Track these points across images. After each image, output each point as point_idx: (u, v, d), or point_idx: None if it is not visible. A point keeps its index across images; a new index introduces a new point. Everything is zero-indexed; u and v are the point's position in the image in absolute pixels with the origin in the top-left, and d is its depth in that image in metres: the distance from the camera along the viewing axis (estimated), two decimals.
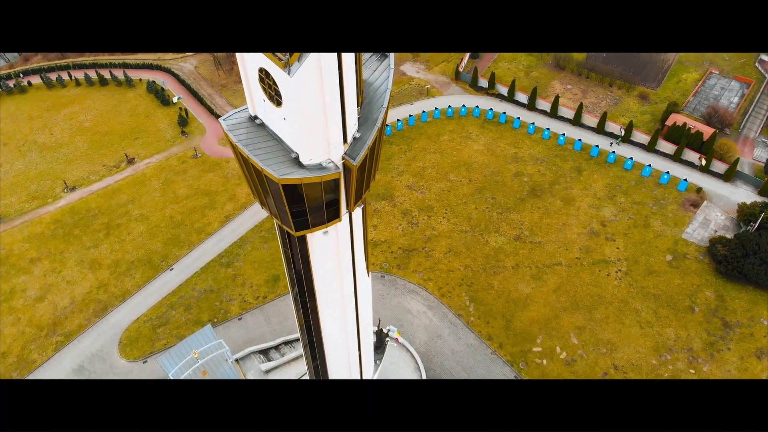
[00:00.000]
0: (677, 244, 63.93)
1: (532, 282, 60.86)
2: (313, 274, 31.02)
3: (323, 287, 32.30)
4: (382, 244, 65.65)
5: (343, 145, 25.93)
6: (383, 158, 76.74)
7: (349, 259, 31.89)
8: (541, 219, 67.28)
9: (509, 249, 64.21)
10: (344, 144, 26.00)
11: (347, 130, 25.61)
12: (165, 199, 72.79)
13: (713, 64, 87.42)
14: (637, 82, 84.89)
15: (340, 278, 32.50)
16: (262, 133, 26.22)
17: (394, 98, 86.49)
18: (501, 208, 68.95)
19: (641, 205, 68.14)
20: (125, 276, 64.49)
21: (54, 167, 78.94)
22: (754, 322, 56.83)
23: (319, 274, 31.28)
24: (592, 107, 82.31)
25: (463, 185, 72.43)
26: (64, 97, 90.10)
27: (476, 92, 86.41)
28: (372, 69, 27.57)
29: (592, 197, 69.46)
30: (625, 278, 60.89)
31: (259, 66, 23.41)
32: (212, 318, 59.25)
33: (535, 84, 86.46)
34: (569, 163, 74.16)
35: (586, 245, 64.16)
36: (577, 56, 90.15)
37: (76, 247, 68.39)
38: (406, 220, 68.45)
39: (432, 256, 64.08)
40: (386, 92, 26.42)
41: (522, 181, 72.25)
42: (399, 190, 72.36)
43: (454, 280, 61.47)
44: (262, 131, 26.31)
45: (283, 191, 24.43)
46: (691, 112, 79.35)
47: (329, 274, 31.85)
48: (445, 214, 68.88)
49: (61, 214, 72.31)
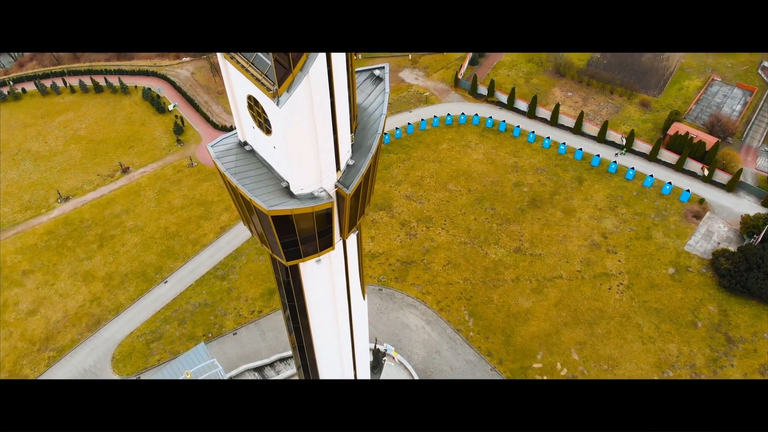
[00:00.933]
0: (679, 257, 62.93)
1: (532, 296, 59.85)
2: (306, 300, 30.00)
3: (317, 312, 31.28)
4: (379, 256, 64.64)
5: (336, 172, 24.92)
6: (381, 167, 75.74)
7: (343, 286, 30.88)
8: (542, 230, 66.27)
9: (509, 261, 63.20)
10: (337, 171, 24.99)
11: (340, 157, 24.59)
12: (160, 210, 71.76)
13: (715, 71, 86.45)
14: (639, 90, 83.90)
15: (334, 304, 31.49)
16: (251, 161, 25.19)
17: (392, 105, 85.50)
18: (501, 219, 67.94)
19: (643, 217, 67.13)
20: (119, 289, 63.46)
21: (48, 176, 77.91)
22: (758, 338, 55.84)
23: (313, 301, 30.26)
24: (593, 115, 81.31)
25: (462, 195, 71.43)
26: (58, 105, 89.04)
27: (476, 99, 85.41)
28: (366, 93, 26.54)
29: (593, 208, 68.45)
30: (627, 292, 59.88)
31: (247, 93, 22.42)
32: (206, 333, 58.23)
33: (535, 91, 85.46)
34: (570, 172, 73.15)
35: (587, 258, 63.15)
36: (578, 63, 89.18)
37: (70, 259, 67.35)
38: (404, 231, 67.45)
39: (430, 268, 63.07)
40: (381, 117, 25.39)
41: (522, 191, 71.24)
42: (397, 200, 71.35)
43: (453, 293, 60.46)
44: (252, 158, 25.29)
45: (272, 222, 23.41)
46: (693, 120, 78.37)
47: (323, 301, 30.84)
48: (444, 225, 67.87)
49: (55, 225, 71.27)
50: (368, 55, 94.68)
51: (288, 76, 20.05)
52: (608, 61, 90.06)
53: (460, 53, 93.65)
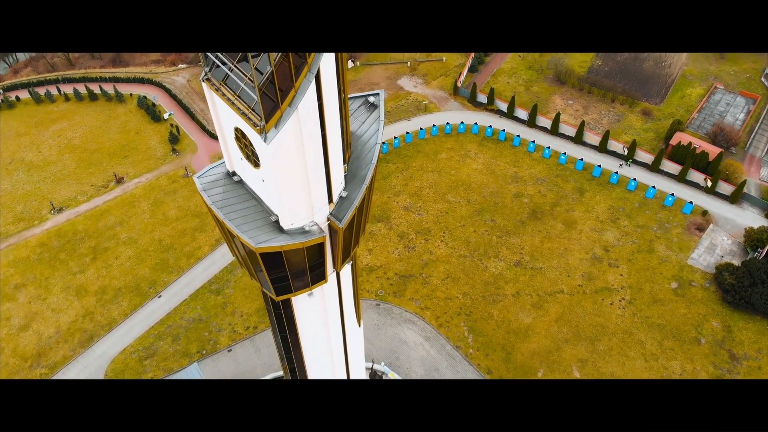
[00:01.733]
0: (682, 271, 61.85)
1: (533, 311, 58.77)
2: (299, 331, 28.93)
3: (310, 342, 30.21)
4: (377, 269, 63.56)
5: (329, 205, 23.85)
6: (380, 177, 74.67)
7: (337, 316, 29.81)
8: (542, 243, 65.19)
9: (509, 275, 62.11)
10: (329, 204, 23.92)
11: (332, 189, 23.52)
12: (154, 221, 70.67)
13: (718, 79, 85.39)
14: (640, 98, 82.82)
15: (327, 334, 30.42)
16: (239, 192, 24.12)
17: (390, 114, 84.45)
18: (501, 232, 66.85)
19: (645, 229, 66.05)
20: (112, 303, 62.36)
21: (41, 187, 76.82)
22: (762, 355, 54.76)
23: (305, 332, 29.19)
24: (594, 124, 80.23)
25: (461, 206, 70.34)
26: (52, 113, 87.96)
27: (475, 108, 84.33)
28: (360, 120, 25.47)
29: (594, 220, 67.37)
30: (629, 307, 58.80)
31: (234, 125, 21.35)
32: (201, 349, 57.13)
33: (535, 99, 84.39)
34: (571, 183, 72.06)
35: (589, 272, 62.06)
36: (579, 70, 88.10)
37: (62, 272, 66.26)
38: (402, 243, 66.36)
39: (429, 282, 61.99)
40: (375, 146, 24.31)
41: (522, 203, 70.15)
42: (395, 212, 70.27)
43: (452, 308, 59.38)
44: (240, 189, 24.22)
45: (261, 259, 22.33)
46: (696, 130, 77.30)
47: (316, 331, 29.77)
48: (443, 237, 66.78)
49: (48, 237, 70.18)
50: (366, 62, 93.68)
51: (276, 111, 18.98)
52: (609, 68, 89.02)
53: (459, 60, 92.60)
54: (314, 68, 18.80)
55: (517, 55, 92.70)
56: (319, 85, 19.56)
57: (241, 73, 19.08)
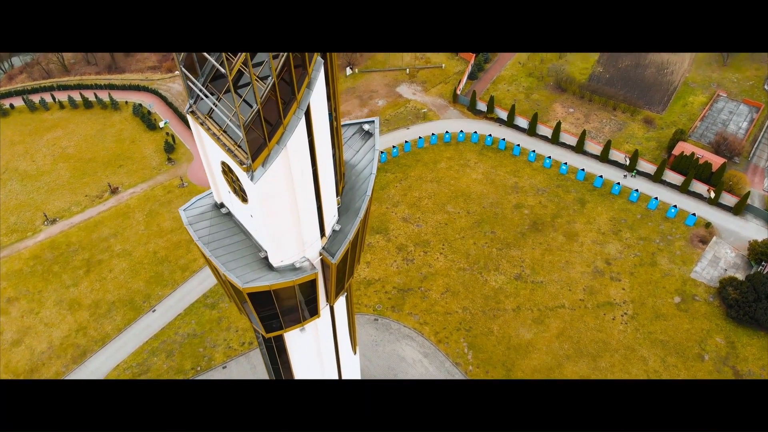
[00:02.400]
0: (685, 285, 60.81)
1: (533, 326, 57.72)
2: (291, 364, 27.88)
3: (303, 372, 29.14)
4: (375, 283, 62.51)
5: (321, 239, 22.82)
6: (378, 187, 73.64)
7: (331, 348, 28.75)
8: (543, 256, 64.14)
9: (510, 289, 61.07)
10: (322, 238, 22.89)
11: (325, 224, 22.47)
12: (149, 233, 69.62)
13: (720, 86, 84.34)
14: (642, 106, 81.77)
15: (321, 365, 29.35)
16: (228, 226, 23.09)
17: (389, 122, 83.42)
18: (501, 244, 65.81)
19: (647, 241, 65.01)
20: (105, 318, 61.31)
21: (35, 197, 75.76)
22: (767, 372, 53.71)
23: (298, 364, 28.13)
24: (595, 132, 79.20)
25: (461, 217, 69.30)
26: (47, 121, 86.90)
27: (475, 116, 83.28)
28: (354, 149, 24.42)
29: (596, 232, 66.32)
30: (632, 322, 57.76)
31: (221, 159, 20.32)
32: (195, 366, 56.10)
33: (535, 107, 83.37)
34: (572, 194, 71.01)
35: (590, 285, 61.02)
36: (579, 77, 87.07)
37: (56, 285, 65.21)
38: (401, 256, 65.31)
39: (428, 296, 60.95)
40: (370, 177, 23.27)
41: (522, 214, 69.10)
42: (394, 223, 69.23)
43: (451, 324, 58.33)
44: (229, 223, 23.18)
45: (248, 298, 21.30)
46: (699, 139, 76.25)
47: (310, 364, 28.70)
48: (442, 249, 65.74)
49: (41, 249, 69.12)
50: (365, 69, 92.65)
51: (263, 149, 17.91)
52: (610, 75, 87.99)
53: (458, 67, 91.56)
54: (304, 104, 17.78)
55: (517, 62, 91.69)
56: (310, 119, 18.53)
57: (226, 108, 18.05)
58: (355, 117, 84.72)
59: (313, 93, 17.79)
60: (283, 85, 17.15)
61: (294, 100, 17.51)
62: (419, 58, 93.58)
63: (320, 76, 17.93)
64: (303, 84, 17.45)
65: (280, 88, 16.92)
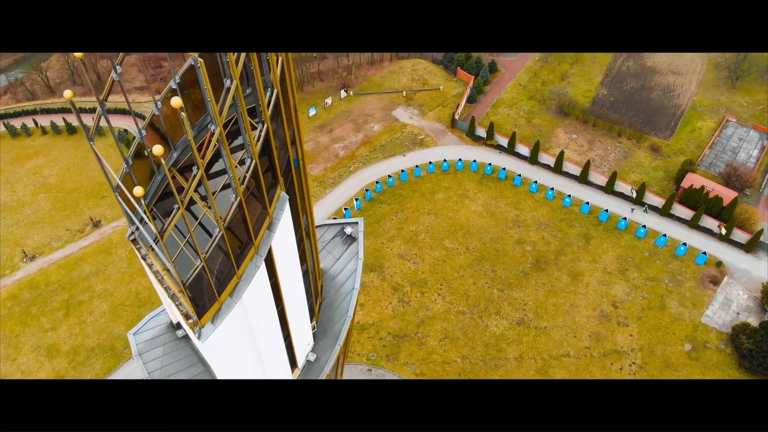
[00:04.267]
0: (696, 330, 57.58)
1: (537, 377, 54.42)
2: None
3: None
4: (369, 328, 59.23)
5: (292, 372, 19.52)
6: (373, 220, 70.40)
7: None
8: (546, 298, 60.89)
9: (512, 336, 57.80)
10: (294, 370, 19.58)
11: (297, 355, 19.16)
12: (132, 271, 66.29)
13: (729, 111, 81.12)
14: (648, 132, 78.58)
15: None
16: (184, 353, 19.72)
17: (385, 148, 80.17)
18: (502, 284, 62.54)
19: (656, 282, 61.75)
20: (84, 366, 57.98)
21: (14, 231, 72.41)
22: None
23: None
24: (599, 160, 75.95)
25: (459, 254, 66.04)
26: (28, 148, 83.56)
27: (474, 142, 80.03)
28: (335, 256, 21.08)
29: (601, 272, 63.06)
30: (640, 373, 54.50)
31: None
32: None
33: (537, 132, 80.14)
34: (576, 229, 67.74)
35: (596, 331, 57.76)
36: (582, 101, 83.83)
37: (33, 329, 61.87)
38: (396, 297, 62.04)
39: (425, 343, 57.67)
40: (353, 293, 19.93)
41: (525, 251, 65.83)
42: (389, 260, 65.95)
43: (450, 375, 55.04)
44: (185, 349, 19.82)
45: None
46: (708, 168, 73.03)
47: None
48: (440, 290, 62.47)
49: (19, 288, 65.77)
50: (360, 91, 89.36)
51: (213, 302, 14.68)
52: (615, 98, 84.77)
53: (457, 90, 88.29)
54: (264, 248, 14.49)
55: (517, 84, 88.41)
56: (272, 261, 15.25)
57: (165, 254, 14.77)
58: (350, 142, 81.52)
59: (276, 233, 14.49)
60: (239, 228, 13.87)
61: (251, 245, 14.19)
62: (416, 80, 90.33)
63: (284, 212, 14.64)
64: (262, 226, 14.13)
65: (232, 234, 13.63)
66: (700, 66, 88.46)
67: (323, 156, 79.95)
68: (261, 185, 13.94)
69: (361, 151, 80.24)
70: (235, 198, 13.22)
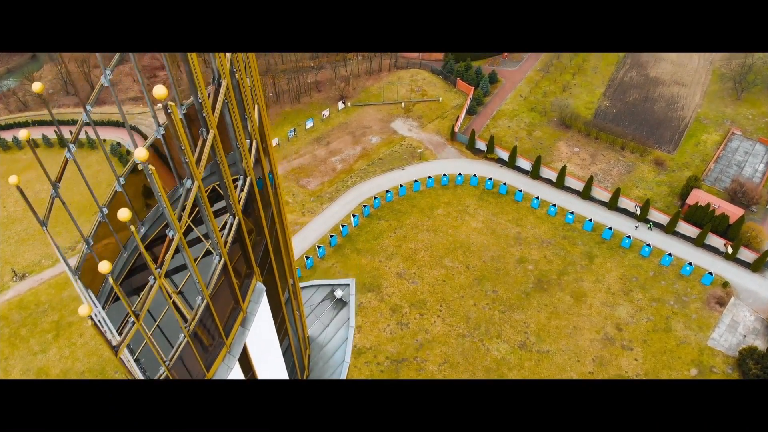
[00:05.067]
0: (702, 354, 56.04)
1: None
2: None
3: None
4: (366, 352, 57.67)
5: None
6: (370, 237, 68.90)
7: None
8: (549, 320, 59.33)
9: (513, 360, 56.24)
10: None
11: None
12: None
13: (735, 123, 79.53)
14: (652, 145, 76.98)
15: None
16: None
17: (383, 162, 78.60)
18: (503, 305, 60.98)
19: (661, 303, 60.20)
20: None
21: (4, 248, 70.87)
22: None
23: None
24: (602, 175, 74.36)
25: (460, 273, 64.48)
26: (20, 161, 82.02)
27: (474, 156, 78.45)
28: (324, 322, 19.49)
29: (605, 292, 61.50)
30: None
31: None
32: None
33: (538, 145, 78.57)
34: (579, 247, 66.16)
35: (600, 355, 56.21)
36: (585, 113, 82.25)
37: (23, 351, 60.36)
38: (395, 319, 60.48)
39: (425, 368, 56.12)
40: (343, 365, 18.36)
41: (526, 270, 64.27)
42: (388, 279, 64.39)
43: None
44: None
45: None
46: (713, 183, 71.43)
47: None
48: (439, 311, 60.92)
49: (9, 309, 64.24)
50: (358, 103, 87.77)
51: None
52: (618, 110, 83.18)
53: (456, 101, 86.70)
54: (237, 349, 12.93)
55: (518, 95, 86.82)
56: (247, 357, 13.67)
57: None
58: (348, 155, 79.95)
59: (251, 330, 12.92)
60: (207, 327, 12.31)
61: (222, 345, 12.61)
62: (415, 90, 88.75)
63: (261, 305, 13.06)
64: (235, 324, 12.56)
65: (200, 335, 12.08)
66: (705, 77, 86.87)
67: (320, 170, 78.38)
68: (232, 281, 12.43)
69: (359, 165, 78.67)
70: (202, 300, 11.69)
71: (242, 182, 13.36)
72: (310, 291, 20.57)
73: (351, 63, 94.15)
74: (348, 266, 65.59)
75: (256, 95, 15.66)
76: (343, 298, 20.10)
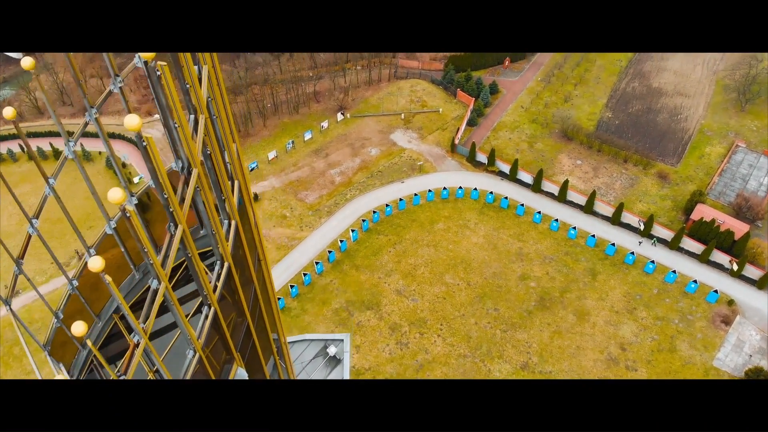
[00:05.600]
0: (708, 375, 54.97)
1: None
2: None
3: None
4: (365, 373, 56.55)
5: None
6: (369, 253, 67.82)
7: None
8: (552, 340, 58.26)
9: None
10: None
11: None
12: None
13: (739, 135, 78.54)
14: (655, 158, 75.96)
15: None
16: None
17: (382, 174, 77.55)
18: (505, 324, 59.90)
19: (665, 322, 59.15)
20: None
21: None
22: None
23: None
24: (605, 188, 73.33)
25: (460, 290, 63.41)
26: (14, 174, 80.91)
27: (474, 168, 77.41)
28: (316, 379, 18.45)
29: (609, 310, 60.44)
30: None
31: None
32: None
33: (540, 158, 77.55)
34: (582, 263, 65.12)
35: (604, 377, 55.09)
36: (587, 125, 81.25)
37: (16, 371, 59.28)
38: (394, 338, 59.39)
39: None
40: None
41: (528, 287, 63.21)
42: (387, 296, 63.32)
43: None
44: None
45: None
46: (717, 198, 70.42)
47: None
48: (440, 330, 59.84)
49: (2, 327, 63.15)
50: (357, 114, 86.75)
51: None
52: (620, 121, 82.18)
53: (456, 112, 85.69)
54: None
55: (519, 106, 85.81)
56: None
57: None
58: (346, 168, 78.90)
59: None
60: None
61: None
62: (415, 101, 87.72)
63: None
64: None
65: None
66: (708, 87, 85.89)
67: (318, 182, 77.33)
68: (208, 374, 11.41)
69: (358, 177, 77.61)
70: None
71: (219, 268, 12.30)
72: (301, 346, 19.50)
73: (350, 73, 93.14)
74: (346, 283, 64.52)
75: (235, 170, 14.59)
76: (336, 356, 19.04)
